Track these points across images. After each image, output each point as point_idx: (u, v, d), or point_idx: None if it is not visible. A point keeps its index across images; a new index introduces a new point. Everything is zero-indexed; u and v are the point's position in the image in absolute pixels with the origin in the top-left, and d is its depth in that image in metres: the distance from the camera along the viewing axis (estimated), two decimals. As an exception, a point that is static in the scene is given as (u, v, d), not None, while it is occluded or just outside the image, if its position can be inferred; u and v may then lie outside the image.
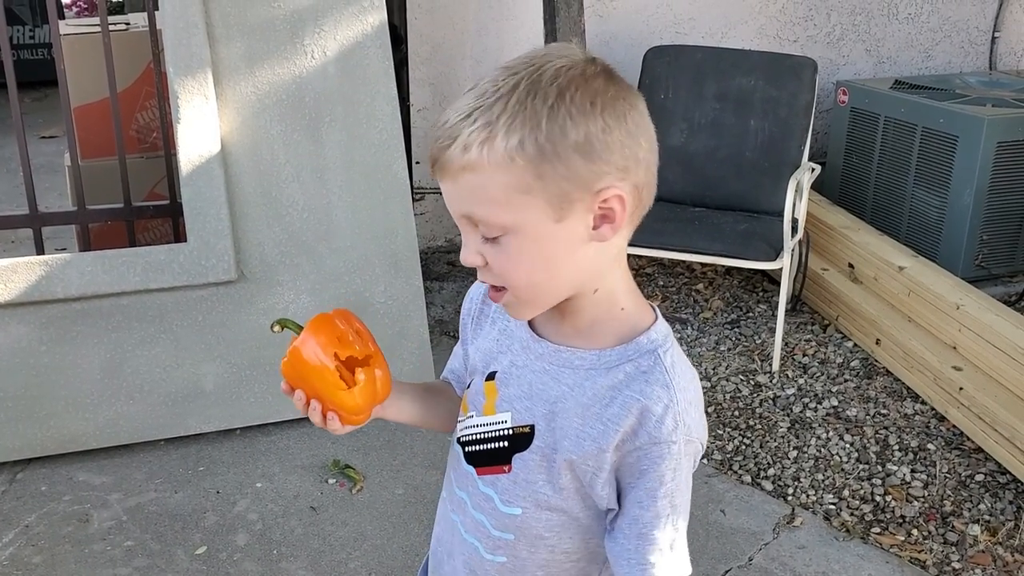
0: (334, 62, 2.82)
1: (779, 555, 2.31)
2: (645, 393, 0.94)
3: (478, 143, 0.87)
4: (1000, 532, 2.38)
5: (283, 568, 2.25)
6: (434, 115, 3.94)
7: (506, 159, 0.87)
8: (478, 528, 1.06)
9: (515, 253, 0.91)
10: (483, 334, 1.10)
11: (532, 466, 1.00)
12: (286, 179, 2.79)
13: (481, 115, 0.88)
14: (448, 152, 0.89)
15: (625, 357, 0.97)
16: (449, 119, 0.90)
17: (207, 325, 2.73)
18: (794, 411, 2.91)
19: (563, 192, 0.89)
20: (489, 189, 0.88)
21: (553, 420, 0.99)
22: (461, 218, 0.93)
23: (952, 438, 2.76)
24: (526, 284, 0.94)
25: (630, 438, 0.95)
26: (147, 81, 3.34)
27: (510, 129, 0.87)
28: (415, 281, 2.92)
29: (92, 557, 2.28)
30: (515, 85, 0.88)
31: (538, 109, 0.87)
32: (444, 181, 0.92)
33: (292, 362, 1.02)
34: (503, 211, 0.89)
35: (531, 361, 1.02)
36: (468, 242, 0.94)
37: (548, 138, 0.87)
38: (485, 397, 1.05)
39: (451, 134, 0.89)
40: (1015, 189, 3.54)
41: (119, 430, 2.67)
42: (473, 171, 0.88)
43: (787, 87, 3.50)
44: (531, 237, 0.90)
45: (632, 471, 0.96)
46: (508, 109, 0.87)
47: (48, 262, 2.61)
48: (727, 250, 3.11)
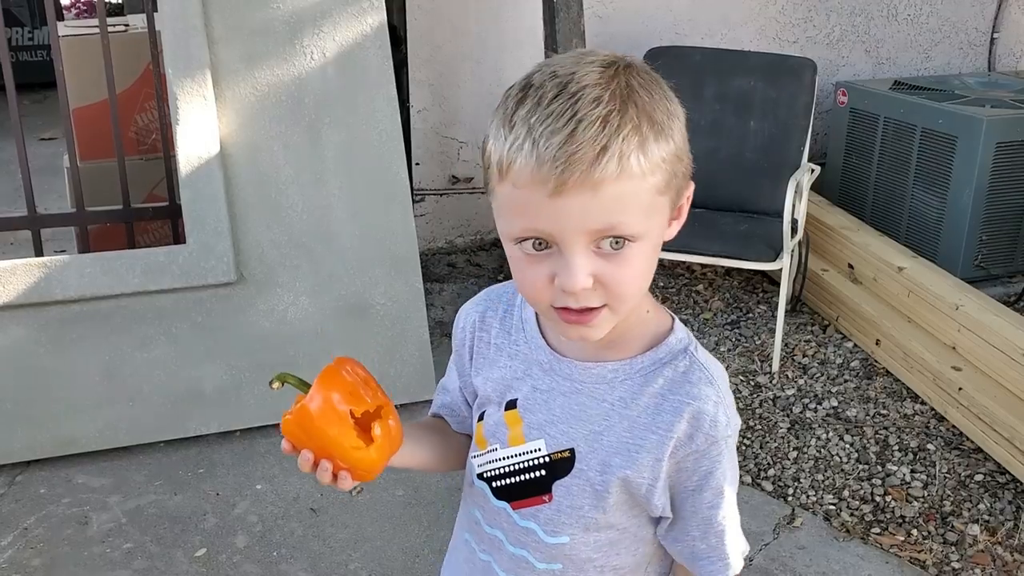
0: (333, 63, 2.82)
1: (779, 555, 2.31)
2: (693, 395, 0.94)
3: (635, 151, 0.82)
4: (999, 532, 2.38)
5: (283, 570, 2.25)
6: (434, 116, 3.95)
7: (659, 162, 0.85)
8: (519, 564, 1.03)
9: (637, 262, 0.87)
10: (489, 363, 1.05)
11: (576, 491, 0.97)
12: (285, 181, 2.79)
13: (623, 121, 0.82)
14: (599, 165, 0.81)
15: (659, 361, 0.96)
16: (576, 131, 0.81)
17: (207, 327, 2.73)
18: (794, 412, 2.91)
19: (679, 189, 0.90)
20: (641, 196, 0.84)
21: (598, 440, 0.96)
22: (583, 235, 0.84)
23: (952, 438, 2.76)
24: (636, 294, 0.91)
25: (685, 443, 0.94)
26: (146, 83, 3.34)
27: (656, 132, 0.84)
28: (415, 283, 2.92)
29: (91, 560, 2.28)
30: (628, 87, 0.84)
31: (661, 109, 0.86)
32: (576, 197, 0.82)
33: (300, 422, 0.93)
34: (646, 217, 0.86)
35: (558, 383, 0.99)
36: (580, 264, 0.85)
37: (674, 134, 0.87)
38: (508, 428, 1.01)
39: (595, 147, 0.81)
40: (1014, 189, 3.54)
41: (118, 432, 2.67)
42: (630, 179, 0.83)
43: (787, 88, 3.50)
44: (651, 244, 0.88)
45: (692, 474, 0.96)
46: (641, 111, 0.84)
47: (47, 264, 2.61)
48: (727, 251, 3.11)
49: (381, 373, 2.94)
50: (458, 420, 1.14)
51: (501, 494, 1.02)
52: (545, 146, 0.81)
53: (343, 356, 0.99)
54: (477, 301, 1.10)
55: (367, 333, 2.85)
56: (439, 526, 2.37)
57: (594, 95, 0.83)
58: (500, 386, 1.03)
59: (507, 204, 0.87)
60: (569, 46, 3.25)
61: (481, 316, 1.07)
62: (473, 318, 1.08)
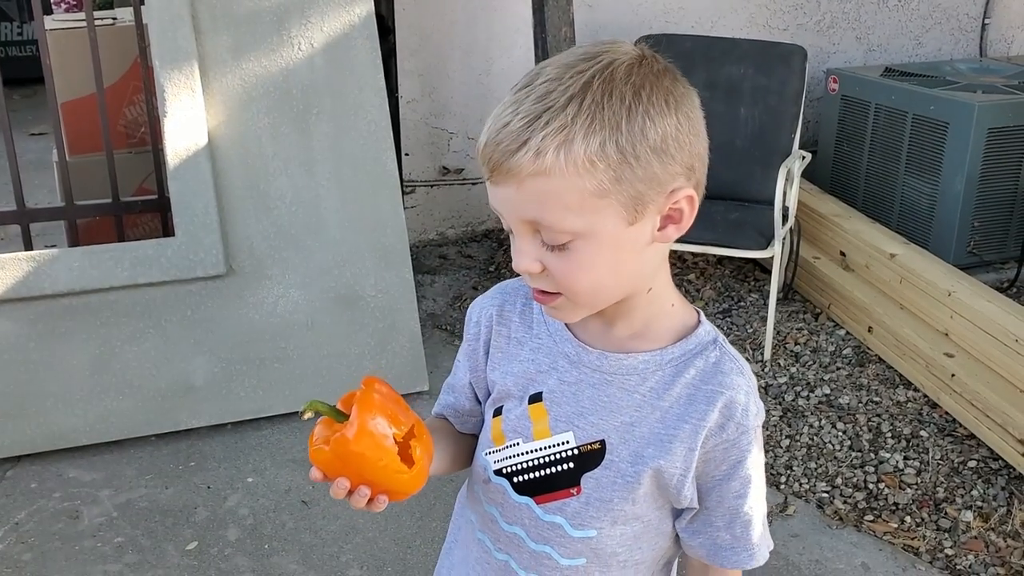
0: (321, 53, 2.81)
1: (773, 544, 2.30)
2: (726, 384, 0.94)
3: (554, 147, 0.82)
4: (992, 518, 2.38)
5: (274, 562, 2.25)
6: (423, 107, 3.93)
7: (586, 163, 0.83)
8: (541, 562, 1.01)
9: (585, 259, 0.87)
10: (508, 357, 1.04)
11: (606, 483, 0.97)
12: (274, 172, 2.78)
13: (554, 117, 0.82)
14: (516, 157, 0.83)
15: (689, 352, 0.96)
16: (511, 122, 0.84)
17: (196, 320, 2.72)
18: (786, 400, 2.90)
19: (639, 194, 0.86)
20: (564, 195, 0.84)
21: (630, 431, 0.96)
22: (522, 223, 0.88)
23: (944, 425, 2.76)
24: (590, 290, 0.90)
25: (716, 432, 0.94)
26: (135, 76, 3.31)
27: (589, 131, 0.82)
28: (406, 274, 2.91)
29: (82, 554, 2.27)
30: (587, 83, 0.83)
31: (616, 109, 0.83)
32: (504, 186, 0.86)
33: (338, 451, 0.91)
34: (576, 217, 0.85)
35: (586, 375, 0.98)
36: (525, 248, 0.88)
37: (628, 139, 0.84)
38: (532, 421, 1.00)
39: (518, 138, 0.83)
40: (1006, 175, 3.53)
41: (109, 426, 2.66)
42: (547, 176, 0.83)
43: (777, 75, 3.49)
44: (603, 242, 0.87)
45: (722, 463, 0.95)
46: (584, 110, 0.83)
47: (36, 258, 2.59)
48: (718, 239, 3.10)
49: (372, 365, 2.95)
50: (462, 420, 1.12)
51: (524, 489, 1.01)
52: (487, 132, 0.86)
53: (371, 376, 0.97)
54: (492, 295, 1.08)
55: (358, 325, 2.84)
56: (431, 517, 2.37)
57: (545, 88, 0.84)
58: (522, 380, 1.01)
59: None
60: (558, 35, 3.23)
61: (499, 310, 1.05)
62: (491, 312, 1.06)
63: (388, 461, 0.91)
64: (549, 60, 0.88)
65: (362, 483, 0.92)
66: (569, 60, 0.86)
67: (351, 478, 0.91)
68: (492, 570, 1.05)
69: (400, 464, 0.92)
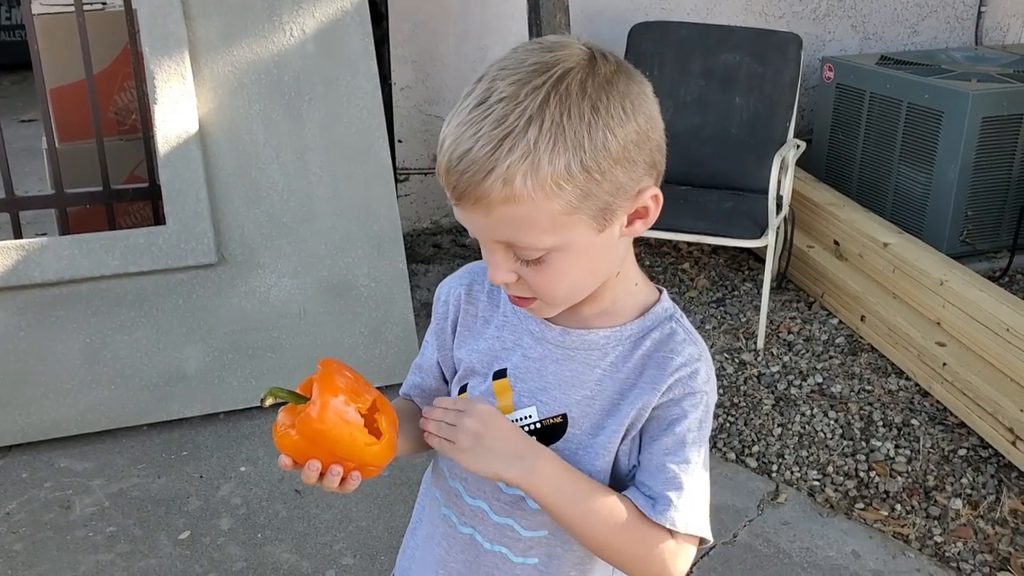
0: (313, 40, 2.79)
1: (763, 531, 2.32)
2: (676, 351, 0.97)
3: (521, 174, 0.83)
4: (981, 505, 2.39)
5: (267, 551, 2.25)
6: (417, 93, 3.91)
7: (553, 186, 0.84)
8: (504, 533, 1.03)
9: (560, 269, 0.90)
10: (474, 335, 1.06)
11: (567, 455, 0.98)
12: (266, 160, 2.76)
13: (517, 142, 0.82)
14: (483, 186, 0.83)
15: (647, 327, 0.99)
16: (472, 149, 0.83)
17: (188, 309, 2.71)
18: (779, 388, 2.91)
19: (607, 205, 0.88)
20: (535, 218, 0.85)
21: (591, 404, 0.98)
22: (494, 244, 0.90)
23: (936, 413, 2.76)
24: (568, 294, 0.94)
25: (664, 394, 0.96)
26: (125, 62, 3.29)
27: (554, 154, 0.83)
28: (399, 263, 2.90)
29: (74, 543, 2.27)
30: (544, 102, 0.83)
31: (576, 128, 0.83)
32: (473, 213, 0.87)
33: (305, 433, 0.91)
34: (548, 236, 0.87)
35: (549, 351, 1.00)
36: (499, 263, 0.90)
37: (592, 156, 0.84)
38: (497, 397, 1.02)
39: (483, 167, 0.83)
40: (1000, 164, 3.53)
41: (100, 415, 2.65)
42: (517, 203, 0.84)
43: (772, 63, 3.48)
44: (576, 252, 0.89)
45: (661, 422, 0.97)
46: (545, 132, 0.83)
47: (25, 246, 2.58)
48: (712, 228, 3.10)
49: (366, 355, 2.95)
50: (427, 400, 1.14)
51: None
52: (447, 157, 0.86)
53: (326, 358, 0.98)
54: (461, 275, 1.10)
55: (351, 314, 2.84)
56: (424, 506, 2.36)
57: (500, 113, 0.84)
58: (487, 357, 1.04)
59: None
60: (553, 22, 3.22)
61: (468, 289, 1.08)
62: (459, 292, 1.08)
63: (356, 434, 0.93)
64: (499, 67, 0.87)
65: (333, 462, 0.93)
66: (521, 74, 0.85)
67: (321, 458, 0.93)
68: (457, 544, 1.07)
69: (368, 436, 0.94)
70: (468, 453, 0.93)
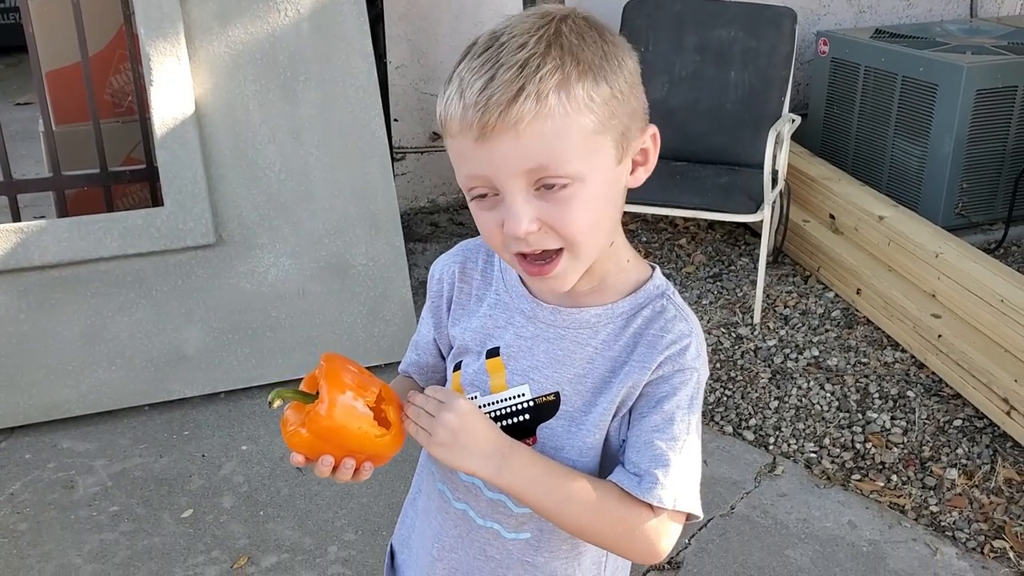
0: (308, 19, 2.79)
1: (761, 503, 2.34)
2: (666, 328, 0.98)
3: (553, 89, 0.84)
4: (976, 475, 2.41)
5: (270, 529, 2.27)
6: (412, 72, 3.91)
7: (586, 100, 0.86)
8: (496, 509, 1.04)
9: (581, 202, 0.88)
10: (468, 313, 1.07)
11: (560, 432, 0.99)
12: (262, 140, 2.77)
13: (544, 61, 0.84)
14: (514, 107, 0.83)
15: (638, 305, 0.99)
16: (496, 76, 0.84)
17: (187, 290, 2.72)
18: (775, 362, 2.93)
19: (626, 129, 0.91)
20: (568, 135, 0.86)
21: (582, 382, 0.99)
22: (517, 179, 0.87)
23: (931, 385, 2.79)
24: (589, 232, 0.91)
25: (654, 371, 0.97)
26: (120, 43, 3.28)
27: (581, 70, 0.85)
28: (396, 242, 2.91)
29: (78, 523, 2.29)
30: (557, 33, 0.86)
31: (593, 51, 0.87)
32: (500, 141, 0.85)
33: (315, 430, 0.93)
34: (578, 157, 0.87)
35: (541, 330, 1.01)
36: (520, 209, 0.88)
37: (612, 77, 0.88)
38: (490, 375, 1.03)
39: (511, 87, 0.83)
40: (994, 137, 3.54)
41: (102, 396, 2.67)
42: (551, 119, 0.84)
43: (767, 38, 3.47)
44: (599, 182, 0.89)
45: (650, 399, 0.97)
46: (567, 53, 0.85)
47: (24, 229, 2.59)
48: (708, 204, 3.11)
49: (364, 334, 2.97)
50: (427, 377, 1.16)
51: None
52: (469, 92, 0.86)
53: (328, 353, 0.99)
54: (454, 253, 1.11)
55: (349, 294, 2.85)
56: (424, 482, 2.39)
57: (519, 42, 0.86)
58: (480, 335, 1.05)
59: (452, 156, 0.92)
60: (547, -1, 3.21)
61: (461, 267, 1.09)
62: (453, 269, 1.09)
63: (367, 427, 0.94)
64: (494, 28, 0.89)
65: (345, 455, 0.95)
66: (524, 24, 0.88)
67: (333, 453, 0.95)
68: (451, 519, 1.08)
69: (379, 427, 0.95)
70: (443, 447, 0.94)
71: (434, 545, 1.11)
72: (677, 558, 2.16)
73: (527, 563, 1.05)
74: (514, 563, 1.05)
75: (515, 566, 1.05)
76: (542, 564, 1.05)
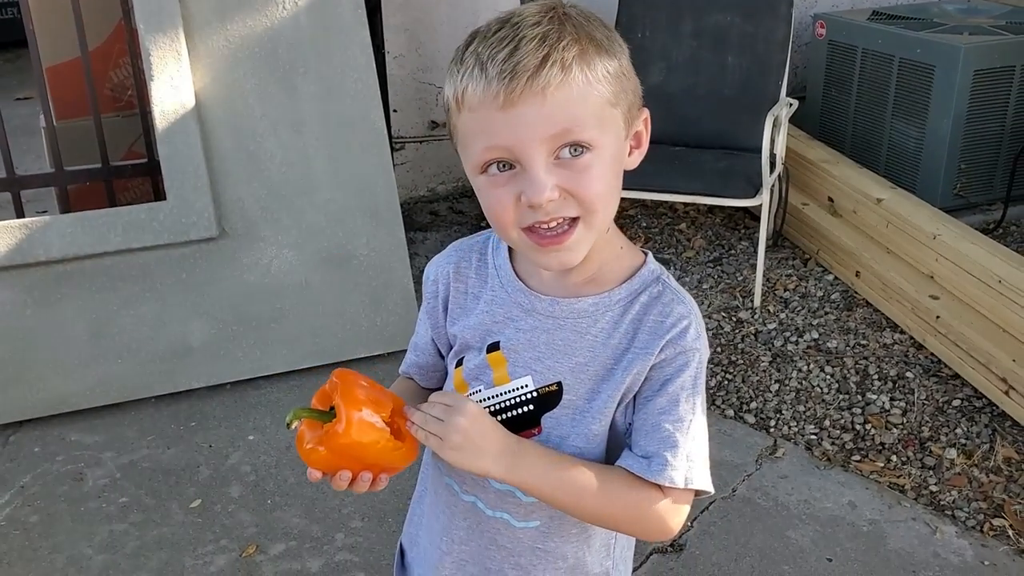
0: (306, 12, 2.80)
1: (762, 485, 2.37)
2: (665, 312, 1.00)
3: (576, 60, 0.89)
4: (975, 455, 2.44)
5: (277, 517, 2.30)
6: (411, 62, 3.92)
7: (604, 72, 0.92)
8: (505, 500, 1.06)
9: (598, 170, 0.93)
10: (466, 312, 1.09)
11: (565, 421, 1.01)
12: (263, 133, 2.78)
13: (562, 35, 0.90)
14: (542, 73, 0.88)
15: (635, 291, 1.02)
16: (519, 47, 0.88)
17: (191, 283, 2.75)
18: (775, 345, 2.95)
19: (631, 106, 0.96)
20: (589, 102, 0.91)
21: (584, 370, 1.01)
22: (544, 143, 0.90)
23: (930, 366, 2.81)
24: (605, 201, 0.95)
25: (656, 355, 0.99)
26: (119, 38, 3.29)
27: (597, 48, 0.92)
28: (397, 232, 2.93)
29: (88, 515, 2.33)
30: (565, 16, 0.92)
31: (599, 35, 0.93)
32: (525, 107, 0.89)
33: (334, 447, 0.95)
34: (596, 125, 0.92)
35: (540, 321, 1.03)
36: (541, 177, 0.90)
37: (618, 59, 0.94)
38: (492, 369, 1.04)
39: (536, 55, 0.88)
40: (993, 117, 3.55)
41: (109, 389, 2.70)
42: (574, 85, 0.90)
43: (763, 22, 3.48)
44: (610, 155, 0.94)
45: (654, 383, 0.99)
46: (581, 34, 0.91)
47: (28, 225, 2.61)
48: (706, 189, 3.12)
49: (367, 323, 2.99)
50: (426, 377, 1.18)
51: None
52: (491, 64, 0.89)
53: (340, 369, 1.02)
54: (448, 254, 1.13)
55: (351, 284, 2.87)
56: (429, 469, 2.42)
57: (533, 20, 0.91)
58: (479, 331, 1.06)
59: (467, 131, 0.94)
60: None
61: (455, 268, 1.10)
62: (447, 270, 1.10)
63: (383, 441, 0.97)
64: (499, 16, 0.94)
65: (363, 469, 0.98)
66: (531, 8, 0.93)
67: (351, 467, 0.97)
68: (460, 512, 1.10)
69: (395, 441, 0.98)
70: (456, 451, 0.96)
71: (443, 539, 1.12)
72: (680, 540, 2.19)
73: (538, 549, 1.07)
74: (525, 551, 1.07)
75: (526, 553, 1.07)
76: (553, 549, 1.07)
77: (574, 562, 1.08)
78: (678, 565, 2.13)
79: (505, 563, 1.09)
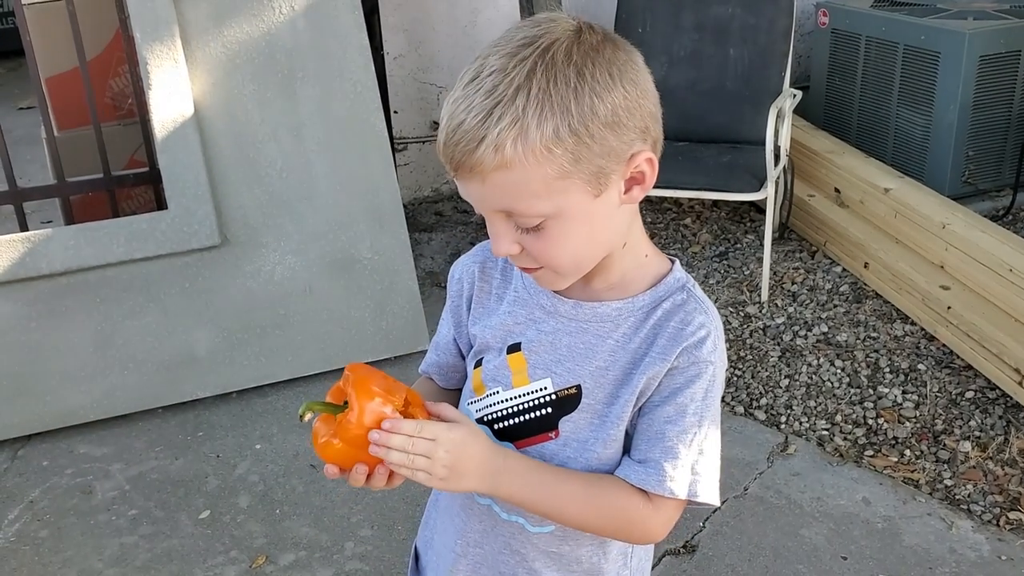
0: (303, 15, 2.78)
1: (774, 483, 2.35)
2: (685, 321, 0.99)
3: (511, 140, 0.86)
4: (990, 447, 2.41)
5: (286, 527, 2.29)
6: (410, 62, 3.90)
7: (544, 151, 0.86)
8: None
9: (558, 236, 0.92)
10: (488, 312, 1.09)
11: (583, 425, 1.01)
12: (263, 139, 2.77)
13: (506, 110, 0.85)
14: (476, 154, 0.86)
15: (658, 298, 1.01)
16: (465, 120, 0.87)
17: (195, 292, 2.74)
18: (784, 340, 2.92)
19: (599, 168, 0.90)
20: (529, 183, 0.88)
21: (604, 374, 1.00)
22: (494, 213, 0.92)
23: (942, 357, 2.78)
24: (570, 262, 0.95)
25: (673, 363, 0.98)
26: (117, 47, 3.28)
27: (542, 119, 0.86)
28: (401, 234, 2.91)
29: (98, 528, 2.32)
30: (531, 71, 0.86)
31: (563, 94, 0.86)
32: (470, 182, 0.89)
33: (348, 438, 0.94)
34: (544, 201, 0.89)
35: (562, 324, 1.02)
36: (501, 233, 0.93)
37: (580, 120, 0.87)
38: (511, 370, 1.04)
39: (475, 136, 0.86)
40: (999, 102, 3.51)
41: (116, 401, 2.69)
42: (509, 169, 0.87)
43: (765, 13, 3.45)
44: (574, 218, 0.91)
45: (663, 390, 0.99)
46: (532, 99, 0.86)
47: (31, 238, 2.60)
48: (711, 183, 3.10)
49: (373, 327, 2.97)
50: (446, 377, 1.17)
51: (504, 435, 1.05)
52: (444, 131, 0.90)
53: (353, 363, 1.00)
54: (474, 254, 1.13)
55: (356, 288, 2.86)
56: (438, 474, 2.40)
57: (490, 85, 0.87)
58: (501, 332, 1.06)
59: None
60: (542, -17, 3.19)
61: (481, 267, 1.10)
62: (473, 270, 1.11)
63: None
64: (491, 47, 0.90)
65: (378, 462, 0.96)
66: (510, 48, 0.88)
67: (366, 460, 0.95)
68: (475, 515, 1.09)
69: None
70: (443, 481, 0.95)
71: (457, 541, 1.12)
72: (692, 541, 2.17)
73: (553, 553, 1.07)
74: (539, 555, 1.07)
75: (541, 557, 1.07)
76: (567, 553, 1.07)
77: (589, 567, 1.08)
78: (691, 567, 2.11)
79: (519, 567, 1.08)
